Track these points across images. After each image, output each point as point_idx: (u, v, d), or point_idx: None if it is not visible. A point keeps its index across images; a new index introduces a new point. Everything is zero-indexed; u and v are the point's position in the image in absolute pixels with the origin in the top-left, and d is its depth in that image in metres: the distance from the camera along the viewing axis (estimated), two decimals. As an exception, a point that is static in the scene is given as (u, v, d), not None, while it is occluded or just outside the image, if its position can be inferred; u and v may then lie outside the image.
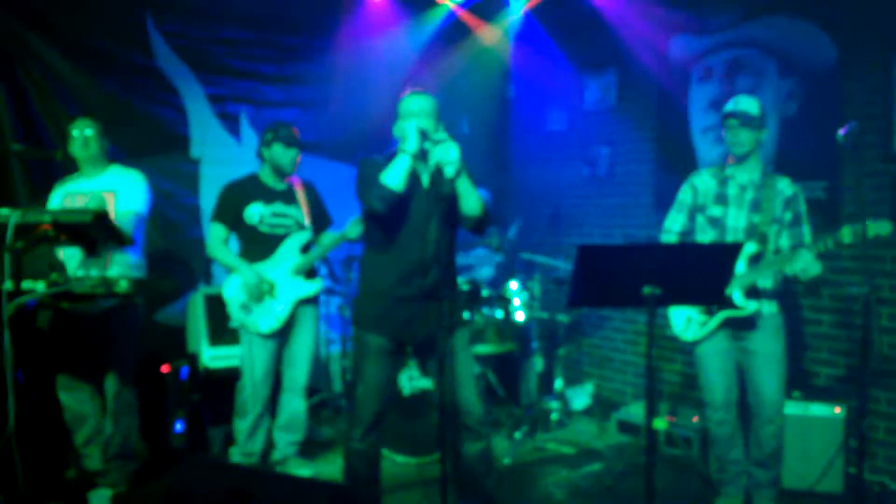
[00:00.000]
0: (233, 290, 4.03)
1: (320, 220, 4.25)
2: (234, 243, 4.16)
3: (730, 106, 3.59)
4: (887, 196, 4.10)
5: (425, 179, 3.18)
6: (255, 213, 4.01)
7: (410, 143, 3.01)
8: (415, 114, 3.13)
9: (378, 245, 3.22)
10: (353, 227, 4.10)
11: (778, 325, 3.64)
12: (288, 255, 4.07)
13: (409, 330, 3.20)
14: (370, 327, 3.22)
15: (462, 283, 4.75)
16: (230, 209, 4.02)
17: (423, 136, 3.01)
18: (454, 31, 6.21)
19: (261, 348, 4.04)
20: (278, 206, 4.07)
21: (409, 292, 3.15)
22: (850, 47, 4.29)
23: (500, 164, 6.73)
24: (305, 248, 4.13)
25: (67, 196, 3.89)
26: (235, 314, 4.02)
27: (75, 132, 3.85)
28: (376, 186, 3.04)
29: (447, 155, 2.93)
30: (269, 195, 4.06)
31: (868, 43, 4.20)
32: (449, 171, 2.94)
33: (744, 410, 3.76)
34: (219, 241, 4.03)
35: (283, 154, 4.02)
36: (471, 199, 3.13)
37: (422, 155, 3.03)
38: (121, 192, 3.84)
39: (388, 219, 3.11)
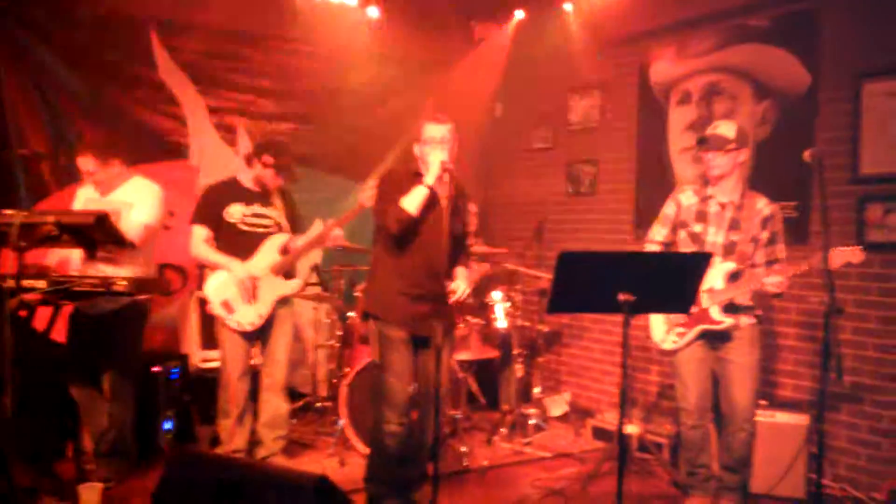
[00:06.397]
0: (216, 286, 4.13)
1: (295, 225, 4.40)
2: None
3: (708, 130, 3.78)
4: (853, 216, 4.30)
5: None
6: (236, 212, 4.17)
7: (431, 177, 3.46)
8: (437, 141, 3.54)
9: (395, 250, 3.62)
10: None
11: (753, 336, 3.81)
12: (268, 255, 4.20)
13: (420, 325, 3.60)
14: (392, 322, 3.62)
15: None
16: (211, 210, 4.17)
17: (445, 169, 3.41)
18: (445, 53, 6.41)
19: (239, 347, 4.18)
20: (257, 208, 4.23)
21: (422, 293, 3.58)
22: (822, 74, 4.49)
23: (487, 179, 6.93)
24: (284, 250, 4.27)
25: (89, 203, 4.05)
26: (217, 311, 4.14)
27: (81, 166, 4.02)
28: (395, 209, 3.46)
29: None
30: (248, 197, 4.22)
31: (839, 70, 4.40)
32: None
33: (716, 416, 3.94)
34: (202, 242, 4.16)
35: (272, 178, 4.23)
36: None
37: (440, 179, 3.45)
38: (137, 203, 4.01)
39: (401, 236, 3.53)
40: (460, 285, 3.63)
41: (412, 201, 3.47)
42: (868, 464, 4.21)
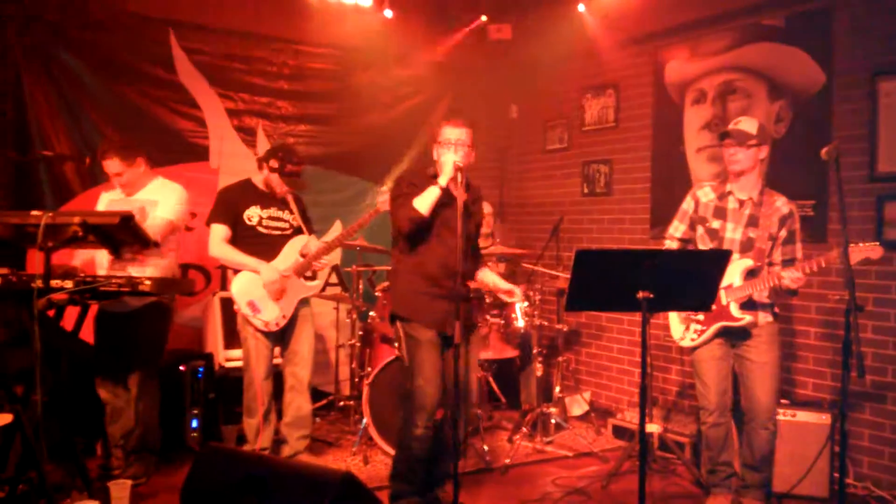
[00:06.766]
0: (242, 286, 4.18)
1: (307, 228, 4.46)
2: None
3: (730, 125, 3.80)
4: (871, 215, 4.30)
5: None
6: (254, 214, 4.23)
7: (444, 178, 3.51)
8: (453, 143, 3.59)
9: (412, 250, 3.67)
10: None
11: (773, 333, 3.81)
12: (290, 257, 4.26)
13: (443, 324, 3.60)
14: (418, 322, 3.63)
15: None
16: (230, 210, 4.21)
17: (457, 169, 3.44)
18: (460, 54, 6.46)
19: (263, 347, 4.23)
20: (273, 211, 4.29)
21: (442, 293, 3.60)
22: (836, 72, 4.49)
23: (503, 181, 6.97)
24: (304, 252, 4.31)
25: (112, 204, 4.11)
26: (243, 311, 4.19)
27: (108, 168, 4.08)
28: (408, 209, 3.52)
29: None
30: (264, 200, 4.29)
31: (854, 68, 4.40)
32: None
33: (737, 415, 3.94)
34: (221, 241, 4.19)
35: (279, 183, 4.27)
36: None
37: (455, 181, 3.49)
38: (161, 201, 4.07)
39: (414, 235, 3.58)
40: (515, 290, 3.73)
41: (424, 202, 3.52)
42: (891, 462, 4.20)
